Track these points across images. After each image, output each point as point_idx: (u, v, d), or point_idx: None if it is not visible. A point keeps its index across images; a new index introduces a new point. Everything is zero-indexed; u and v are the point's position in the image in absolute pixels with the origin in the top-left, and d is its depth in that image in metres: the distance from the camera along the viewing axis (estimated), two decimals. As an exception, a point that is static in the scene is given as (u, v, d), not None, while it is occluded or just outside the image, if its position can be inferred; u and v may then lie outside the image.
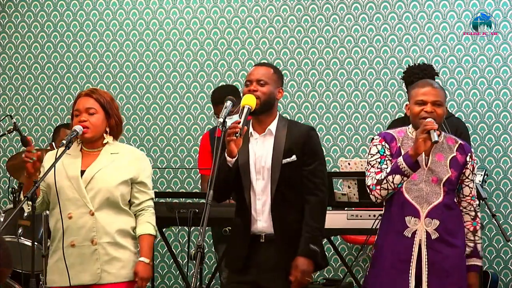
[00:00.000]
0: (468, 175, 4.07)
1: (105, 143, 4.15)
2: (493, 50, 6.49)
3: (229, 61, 6.88)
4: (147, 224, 4.15)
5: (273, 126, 4.11)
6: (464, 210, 4.08)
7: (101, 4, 7.10)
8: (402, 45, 6.62)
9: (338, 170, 5.82)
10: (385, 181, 3.95)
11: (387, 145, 4.06)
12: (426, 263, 3.94)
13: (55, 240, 4.12)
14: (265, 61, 6.59)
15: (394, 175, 3.92)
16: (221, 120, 3.93)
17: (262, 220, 4.05)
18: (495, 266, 6.41)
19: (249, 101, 3.98)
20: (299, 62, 6.78)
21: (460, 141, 4.11)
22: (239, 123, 3.88)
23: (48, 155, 4.22)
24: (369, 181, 4.03)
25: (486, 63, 6.49)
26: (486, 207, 4.85)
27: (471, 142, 6.37)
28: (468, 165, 4.06)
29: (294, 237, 4.02)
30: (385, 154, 4.05)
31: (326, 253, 6.56)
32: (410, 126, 4.10)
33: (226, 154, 3.96)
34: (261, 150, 4.07)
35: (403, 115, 6.02)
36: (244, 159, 4.06)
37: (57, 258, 4.09)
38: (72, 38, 7.13)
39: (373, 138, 4.17)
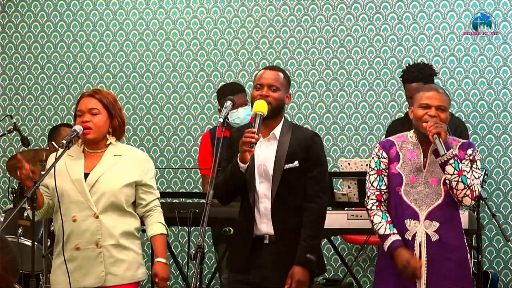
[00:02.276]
0: (464, 162, 4.00)
1: (108, 144, 4.14)
2: (493, 50, 6.49)
3: (229, 61, 6.88)
4: (158, 224, 4.15)
5: (277, 131, 4.10)
6: None
7: (101, 4, 7.10)
8: (402, 45, 6.62)
9: (338, 170, 5.81)
10: (373, 225, 4.04)
11: (384, 154, 4.08)
12: (426, 265, 3.94)
13: (59, 243, 4.10)
14: (276, 66, 6.59)
15: (377, 233, 4.04)
16: (221, 120, 3.93)
17: (265, 222, 4.06)
18: (495, 266, 6.41)
19: (261, 108, 3.96)
20: (299, 62, 6.78)
21: (463, 141, 4.09)
22: (254, 132, 3.87)
23: (51, 157, 4.21)
24: (369, 204, 4.10)
25: (486, 63, 6.49)
26: (486, 207, 4.84)
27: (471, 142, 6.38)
28: (466, 157, 4.01)
29: (295, 240, 4.04)
30: (381, 169, 4.07)
31: (326, 253, 6.61)
32: (412, 131, 4.11)
33: (238, 160, 3.96)
34: (265, 154, 4.07)
35: (403, 115, 6.02)
36: (250, 162, 4.06)
37: (61, 261, 4.08)
38: (72, 38, 7.13)
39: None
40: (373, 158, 4.12)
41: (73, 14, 7.14)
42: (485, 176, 5.82)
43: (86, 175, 4.06)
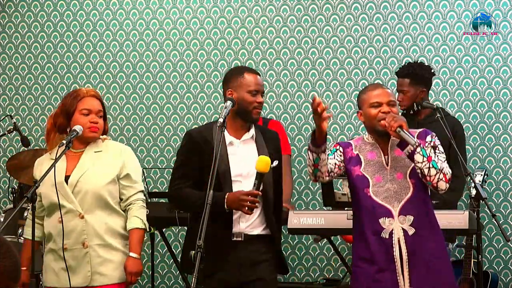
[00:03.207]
0: (426, 150, 3.96)
1: (89, 142, 4.17)
2: (493, 50, 6.48)
3: (229, 61, 6.88)
4: (135, 218, 4.14)
5: (252, 131, 4.16)
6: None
7: (101, 4, 7.10)
8: (402, 45, 6.62)
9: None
10: (307, 157, 3.97)
11: (340, 148, 4.08)
12: (407, 260, 3.93)
13: (49, 242, 4.14)
14: (252, 67, 6.64)
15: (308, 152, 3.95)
16: (221, 120, 3.94)
17: (244, 222, 4.08)
18: (495, 266, 6.40)
19: (266, 168, 3.94)
20: (299, 62, 6.78)
21: (418, 130, 4.07)
22: (257, 195, 3.94)
23: (38, 161, 4.23)
24: None
25: (486, 63, 6.49)
26: (486, 207, 4.85)
27: (471, 142, 6.38)
28: (427, 144, 3.98)
29: (275, 236, 4.17)
30: (333, 154, 4.05)
31: (326, 252, 6.63)
32: (366, 133, 4.11)
33: (227, 204, 3.98)
34: (244, 154, 4.10)
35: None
36: (224, 166, 4.07)
37: (51, 260, 4.11)
38: (72, 38, 7.13)
39: None
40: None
41: (73, 14, 7.14)
42: (485, 176, 5.82)
43: (68, 178, 4.08)
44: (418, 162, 3.89)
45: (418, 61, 6.06)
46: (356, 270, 4.08)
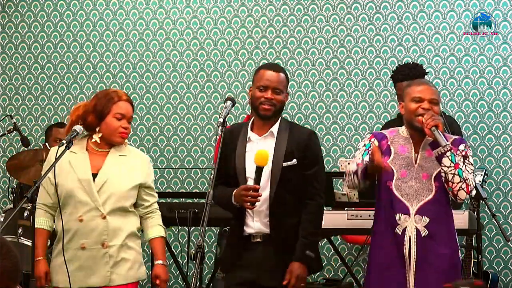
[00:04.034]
0: (456, 157, 3.95)
1: (114, 145, 4.17)
2: (493, 50, 6.48)
3: (229, 61, 6.88)
4: (159, 227, 4.21)
5: (275, 128, 4.11)
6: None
7: (101, 4, 7.10)
8: (402, 45, 6.62)
9: (338, 170, 5.81)
10: (349, 170, 4.04)
11: (376, 142, 4.08)
12: (414, 260, 3.93)
13: (60, 240, 4.10)
14: (276, 64, 6.61)
15: (351, 166, 4.02)
16: (221, 120, 3.94)
17: (259, 221, 4.05)
18: (495, 266, 6.40)
19: (263, 161, 3.92)
20: (299, 62, 6.78)
21: (454, 137, 4.08)
22: (257, 189, 3.91)
23: (52, 151, 4.19)
24: (348, 167, 4.11)
25: (486, 63, 6.49)
26: (486, 207, 4.85)
27: (471, 142, 6.39)
28: (458, 153, 3.97)
29: (293, 238, 4.05)
30: (369, 148, 4.06)
31: (326, 253, 6.61)
32: (403, 126, 4.10)
33: (234, 200, 3.99)
34: None
35: (396, 117, 6.01)
36: (241, 162, 4.07)
37: (63, 260, 4.08)
38: (72, 38, 7.13)
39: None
40: (364, 141, 4.16)
41: (73, 14, 7.14)
42: (485, 176, 5.81)
43: (94, 175, 4.07)
44: (445, 166, 3.88)
45: (410, 62, 6.00)
46: (370, 260, 4.11)
